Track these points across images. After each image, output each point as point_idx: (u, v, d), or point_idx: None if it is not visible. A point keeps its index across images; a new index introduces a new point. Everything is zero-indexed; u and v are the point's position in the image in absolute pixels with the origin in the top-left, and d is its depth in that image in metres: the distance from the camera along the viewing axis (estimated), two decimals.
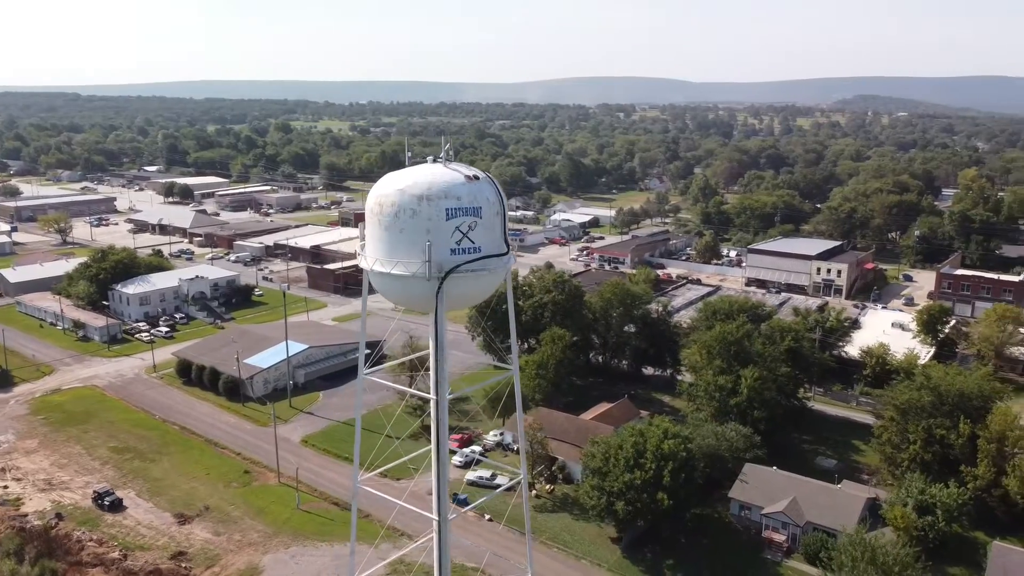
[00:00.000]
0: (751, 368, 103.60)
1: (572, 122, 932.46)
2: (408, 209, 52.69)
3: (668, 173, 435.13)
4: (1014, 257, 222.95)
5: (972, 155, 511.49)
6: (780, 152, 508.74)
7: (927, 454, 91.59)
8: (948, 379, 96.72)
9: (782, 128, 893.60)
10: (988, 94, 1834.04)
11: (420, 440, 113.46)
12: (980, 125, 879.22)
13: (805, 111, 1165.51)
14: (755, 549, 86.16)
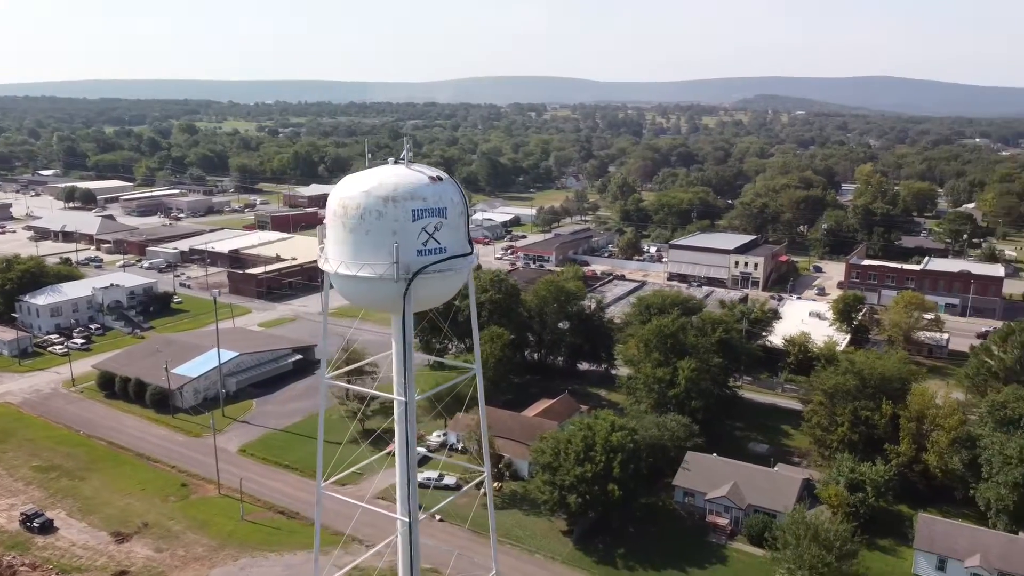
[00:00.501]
0: (687, 360, 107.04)
1: (485, 121, 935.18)
2: (374, 211, 52.30)
3: (584, 172, 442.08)
4: (911, 247, 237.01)
5: (866, 151, 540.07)
6: (690, 150, 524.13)
7: (854, 435, 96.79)
8: (870, 364, 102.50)
9: (689, 127, 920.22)
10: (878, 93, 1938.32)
11: (361, 445, 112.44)
12: (871, 123, 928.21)
13: (710, 110, 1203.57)
14: (700, 533, 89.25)
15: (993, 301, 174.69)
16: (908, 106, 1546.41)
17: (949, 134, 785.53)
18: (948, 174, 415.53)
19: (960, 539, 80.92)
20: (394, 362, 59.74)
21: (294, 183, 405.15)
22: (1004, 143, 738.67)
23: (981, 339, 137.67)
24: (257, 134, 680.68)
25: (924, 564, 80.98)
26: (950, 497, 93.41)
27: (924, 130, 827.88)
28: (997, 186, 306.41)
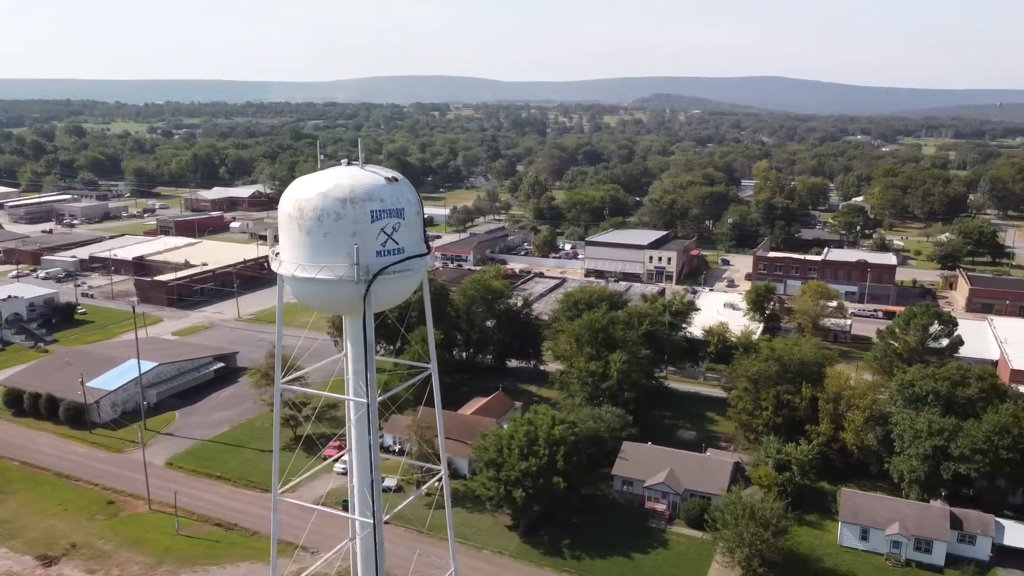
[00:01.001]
0: (618, 353, 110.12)
1: (388, 121, 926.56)
2: (332, 212, 51.91)
3: (493, 171, 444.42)
4: (810, 239, 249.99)
5: (761, 149, 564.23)
6: (595, 149, 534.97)
7: (778, 418, 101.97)
8: (789, 350, 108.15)
9: (591, 126, 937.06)
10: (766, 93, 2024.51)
11: (295, 452, 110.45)
12: (763, 121, 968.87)
13: (610, 109, 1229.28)
14: (641, 520, 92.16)
15: (888, 288, 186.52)
16: (794, 105, 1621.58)
17: (834, 131, 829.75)
18: (836, 169, 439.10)
19: (880, 510, 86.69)
20: (349, 364, 59.72)
21: (194, 186, 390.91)
22: (884, 139, 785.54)
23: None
24: (150, 136, 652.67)
25: (848, 535, 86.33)
26: (866, 472, 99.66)
27: (811, 127, 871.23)
28: (882, 180, 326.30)
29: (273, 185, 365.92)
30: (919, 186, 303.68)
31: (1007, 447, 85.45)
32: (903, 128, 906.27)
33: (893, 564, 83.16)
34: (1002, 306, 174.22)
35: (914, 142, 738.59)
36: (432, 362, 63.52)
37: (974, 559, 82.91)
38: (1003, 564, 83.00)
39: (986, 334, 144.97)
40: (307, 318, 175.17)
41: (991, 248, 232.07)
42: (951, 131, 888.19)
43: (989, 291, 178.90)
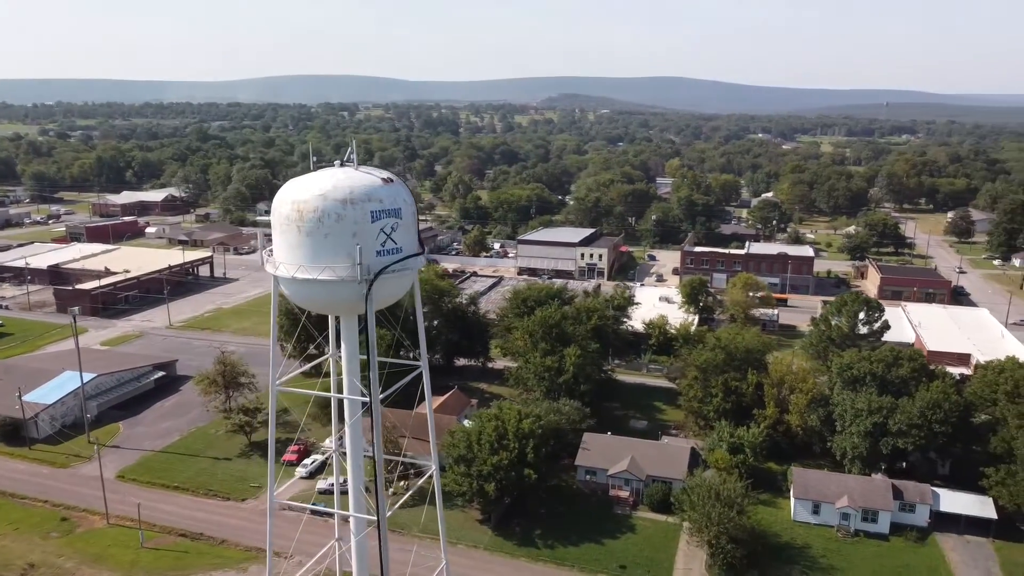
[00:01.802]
0: (573, 347, 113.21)
1: (295, 122, 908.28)
2: (333, 213, 52.41)
3: (412, 171, 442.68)
4: (728, 234, 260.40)
5: (671, 147, 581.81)
6: (511, 148, 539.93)
7: (727, 404, 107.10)
8: (733, 339, 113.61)
9: (503, 126, 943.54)
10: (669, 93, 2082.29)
11: (252, 458, 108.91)
12: (669, 120, 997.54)
13: (520, 109, 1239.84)
14: (606, 507, 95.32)
15: (807, 279, 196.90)
16: (696, 104, 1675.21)
17: (736, 130, 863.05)
18: (744, 166, 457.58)
19: (829, 485, 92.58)
20: (345, 363, 60.40)
21: (99, 190, 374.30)
22: (783, 137, 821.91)
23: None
24: (40, 138, 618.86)
25: (801, 510, 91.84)
26: (809, 451, 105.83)
27: (715, 126, 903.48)
28: (790, 176, 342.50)
29: (187, 188, 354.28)
30: (824, 182, 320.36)
31: (939, 421, 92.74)
32: (800, 127, 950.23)
33: (843, 535, 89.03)
34: (910, 293, 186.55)
35: (811, 140, 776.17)
36: (423, 359, 64.69)
37: (914, 526, 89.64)
38: (939, 529, 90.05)
39: (901, 319, 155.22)
40: (242, 324, 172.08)
41: (894, 239, 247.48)
42: (843, 129, 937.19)
43: (898, 279, 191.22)
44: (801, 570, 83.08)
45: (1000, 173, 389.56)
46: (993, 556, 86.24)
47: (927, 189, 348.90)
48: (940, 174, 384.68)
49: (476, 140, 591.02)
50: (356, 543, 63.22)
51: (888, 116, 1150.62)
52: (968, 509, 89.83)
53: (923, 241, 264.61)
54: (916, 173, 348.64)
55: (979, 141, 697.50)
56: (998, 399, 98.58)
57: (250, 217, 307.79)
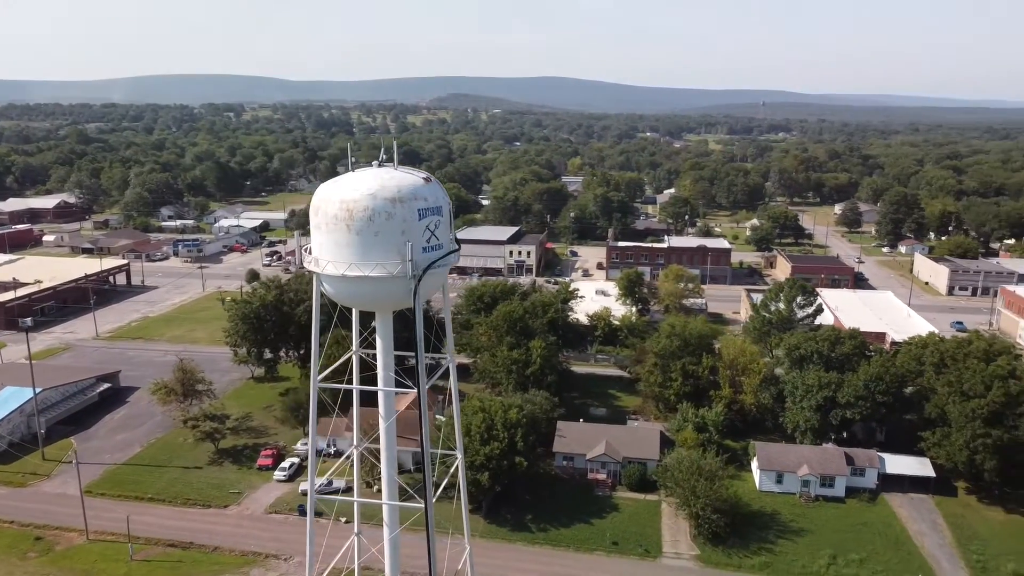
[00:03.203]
0: (538, 340, 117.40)
1: (178, 123, 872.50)
2: (383, 212, 54.33)
3: (318, 173, 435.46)
4: (642, 229, 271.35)
5: (569, 146, 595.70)
6: (413, 148, 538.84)
7: (686, 387, 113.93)
8: (685, 327, 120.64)
9: (398, 126, 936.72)
10: (556, 92, 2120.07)
11: (224, 465, 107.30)
12: (562, 120, 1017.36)
13: (412, 109, 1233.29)
14: (587, 490, 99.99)
15: (724, 270, 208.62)
16: (583, 104, 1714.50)
17: (627, 129, 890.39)
18: (642, 164, 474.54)
19: (788, 456, 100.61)
20: (381, 357, 62.14)
21: None
22: (671, 136, 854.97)
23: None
24: None
25: (766, 480, 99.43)
26: (762, 427, 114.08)
27: (606, 126, 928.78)
28: (690, 173, 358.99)
29: (80, 194, 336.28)
30: (723, 178, 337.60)
31: (882, 392, 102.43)
32: (685, 125, 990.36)
33: (805, 500, 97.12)
34: (818, 280, 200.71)
35: (698, 138, 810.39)
36: (450, 353, 67.00)
37: (865, 488, 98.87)
38: (886, 489, 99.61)
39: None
40: (175, 332, 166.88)
41: (794, 231, 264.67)
42: (725, 128, 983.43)
43: (806, 267, 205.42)
44: (775, 534, 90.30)
45: (875, 168, 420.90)
46: (935, 510, 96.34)
47: (814, 183, 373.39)
48: (822, 170, 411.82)
49: (376, 140, 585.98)
50: (388, 531, 65.12)
51: (765, 115, 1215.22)
52: (910, 470, 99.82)
53: (818, 232, 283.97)
54: (804, 169, 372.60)
55: (849, 138, 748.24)
56: (925, 370, 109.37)
57: (155, 223, 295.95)
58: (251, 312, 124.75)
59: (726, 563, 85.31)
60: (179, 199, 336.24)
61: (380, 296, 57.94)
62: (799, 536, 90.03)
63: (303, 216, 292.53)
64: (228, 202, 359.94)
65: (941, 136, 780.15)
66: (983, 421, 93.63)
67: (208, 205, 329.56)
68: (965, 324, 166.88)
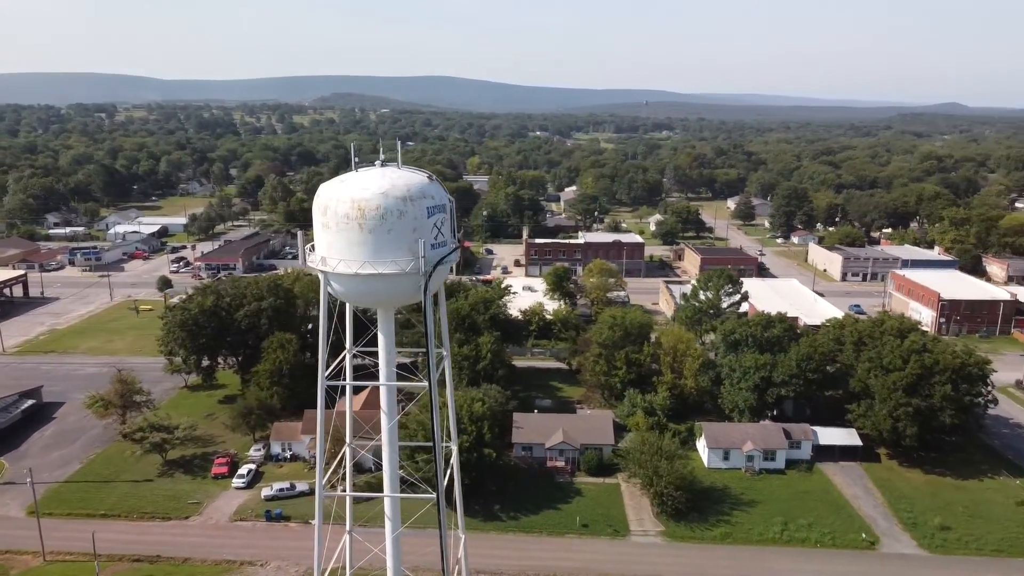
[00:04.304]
0: (486, 335, 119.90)
1: (44, 124, 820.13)
2: (395, 210, 55.69)
3: (212, 176, 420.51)
4: (552, 226, 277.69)
5: (466, 146, 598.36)
6: (307, 148, 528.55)
7: (631, 375, 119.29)
8: (623, 317, 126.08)
9: (284, 126, 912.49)
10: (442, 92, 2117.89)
11: (175, 476, 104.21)
12: (451, 120, 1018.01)
13: (297, 108, 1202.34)
14: (548, 477, 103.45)
15: (639, 263, 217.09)
16: (470, 104, 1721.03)
17: (517, 128, 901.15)
18: (540, 163, 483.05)
19: (734, 434, 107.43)
20: (384, 353, 63.20)
21: None
22: (561, 135, 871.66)
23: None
24: None
25: (714, 457, 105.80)
26: (702, 409, 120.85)
27: (496, 124, 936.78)
28: (591, 171, 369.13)
29: None
30: (624, 175, 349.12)
31: (812, 370, 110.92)
32: (574, 124, 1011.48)
33: (751, 474, 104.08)
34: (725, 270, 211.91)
35: (588, 137, 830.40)
36: (446, 346, 68.76)
37: (802, 459, 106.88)
38: (819, 460, 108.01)
39: None
40: (90, 343, 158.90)
41: (695, 225, 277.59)
42: (612, 126, 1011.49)
43: (714, 259, 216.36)
44: (729, 506, 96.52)
45: (759, 164, 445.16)
46: (864, 475, 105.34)
47: (706, 179, 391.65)
48: (711, 166, 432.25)
49: (268, 141, 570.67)
50: (391, 524, 66.45)
51: (648, 114, 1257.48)
52: (840, 440, 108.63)
53: (716, 225, 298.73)
54: (698, 166, 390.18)
55: (728, 135, 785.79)
56: (844, 349, 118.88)
57: (41, 231, 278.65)
58: (189, 318, 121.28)
59: (690, 536, 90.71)
60: (65, 205, 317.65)
61: (390, 293, 59.13)
62: (751, 507, 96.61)
63: (205, 221, 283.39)
64: (117, 207, 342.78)
65: (811, 133, 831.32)
66: (904, 391, 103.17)
67: (98, 211, 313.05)
68: (862, 307, 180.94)
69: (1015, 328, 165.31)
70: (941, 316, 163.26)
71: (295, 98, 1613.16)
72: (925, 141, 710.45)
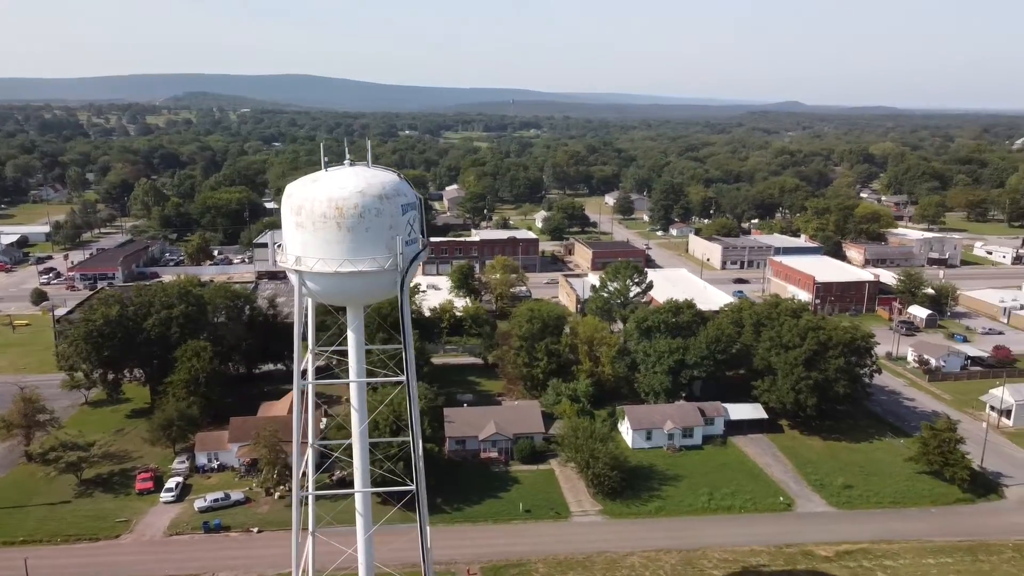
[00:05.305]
0: None
1: None
2: (373, 209, 57.15)
3: (69, 180, 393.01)
4: (442, 225, 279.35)
5: (338, 146, 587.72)
6: (169, 150, 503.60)
7: (552, 364, 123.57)
8: (543, 309, 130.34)
9: (137, 127, 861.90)
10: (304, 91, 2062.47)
11: (94, 495, 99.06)
12: (318, 119, 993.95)
13: (150, 108, 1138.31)
14: (483, 468, 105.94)
15: (534, 259, 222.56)
16: (334, 103, 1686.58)
17: (386, 128, 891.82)
18: (417, 162, 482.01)
19: (654, 415, 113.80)
20: (354, 349, 63.99)
21: None
22: (431, 134, 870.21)
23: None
24: None
25: (638, 438, 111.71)
26: (619, 394, 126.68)
27: (365, 124, 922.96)
28: (472, 170, 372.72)
29: None
30: (505, 173, 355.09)
31: (720, 351, 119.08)
32: (443, 123, 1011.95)
33: (672, 451, 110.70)
34: (616, 263, 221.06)
35: (458, 136, 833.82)
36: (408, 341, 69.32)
37: (716, 435, 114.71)
38: (731, 434, 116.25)
39: None
40: None
41: (580, 220, 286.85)
42: (481, 125, 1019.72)
43: (605, 252, 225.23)
44: (658, 482, 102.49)
45: (630, 160, 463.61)
46: (772, 445, 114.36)
47: (583, 176, 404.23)
48: (586, 163, 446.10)
49: (126, 143, 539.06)
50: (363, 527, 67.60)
51: (515, 112, 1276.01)
52: (748, 415, 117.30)
53: (599, 220, 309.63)
54: (574, 163, 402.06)
55: (595, 133, 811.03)
56: (744, 331, 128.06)
57: None
58: (94, 330, 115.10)
59: (627, 512, 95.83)
60: None
61: (367, 290, 60.35)
62: (678, 481, 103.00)
63: (70, 228, 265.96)
64: None
65: (671, 130, 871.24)
66: (803, 366, 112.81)
67: None
68: (744, 292, 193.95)
69: (879, 306, 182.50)
70: (817, 297, 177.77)
71: (144, 97, 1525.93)
72: (774, 137, 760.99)
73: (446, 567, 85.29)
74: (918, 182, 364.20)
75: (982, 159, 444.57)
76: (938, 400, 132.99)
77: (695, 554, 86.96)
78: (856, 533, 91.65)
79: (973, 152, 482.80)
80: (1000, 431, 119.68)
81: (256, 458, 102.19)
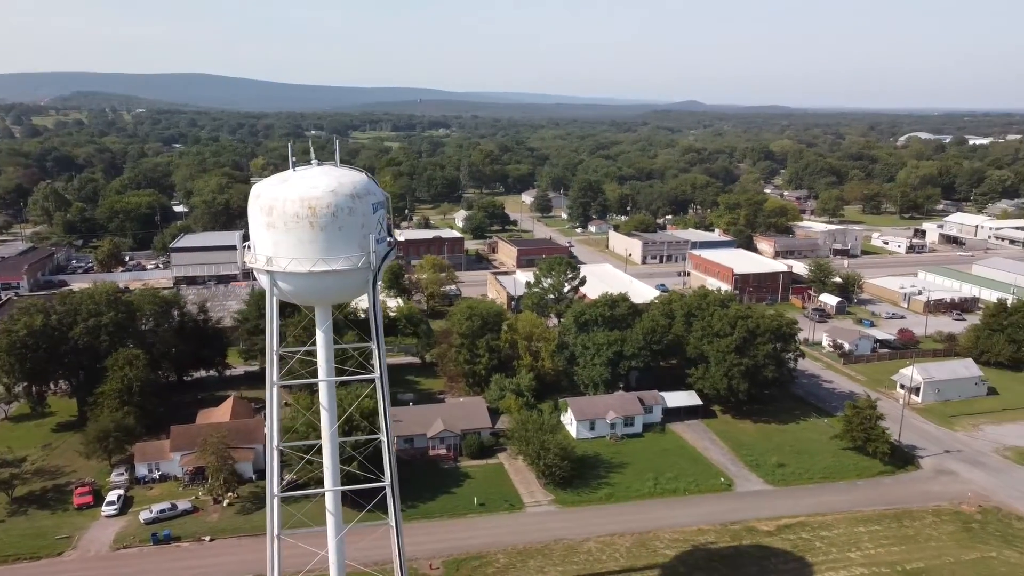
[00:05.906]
0: (348, 334, 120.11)
1: None
2: (345, 208, 57.98)
3: None
4: None
5: (245, 147, 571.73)
6: (64, 153, 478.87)
7: (493, 360, 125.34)
8: (481, 306, 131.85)
9: (23, 129, 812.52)
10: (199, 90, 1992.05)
11: (29, 513, 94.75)
12: (219, 119, 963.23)
13: (35, 109, 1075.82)
14: (433, 465, 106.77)
15: (459, 257, 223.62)
16: (233, 102, 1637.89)
17: (292, 128, 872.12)
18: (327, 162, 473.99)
19: (597, 406, 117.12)
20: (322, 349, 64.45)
21: None
22: (338, 134, 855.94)
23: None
24: None
25: (582, 429, 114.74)
26: (559, 387, 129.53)
27: (269, 124, 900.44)
28: (388, 170, 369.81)
29: None
30: (422, 173, 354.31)
31: (656, 342, 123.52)
32: (350, 123, 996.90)
33: (614, 440, 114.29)
34: (540, 260, 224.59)
35: (368, 136, 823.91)
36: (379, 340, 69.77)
37: (655, 422, 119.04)
38: (668, 421, 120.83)
39: None
40: None
41: (500, 219, 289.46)
42: (389, 125, 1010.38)
43: (529, 249, 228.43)
44: (604, 470, 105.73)
45: (543, 159, 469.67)
46: (707, 430, 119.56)
47: (499, 175, 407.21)
48: (500, 162, 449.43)
49: (14, 145, 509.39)
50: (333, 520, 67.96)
51: (423, 112, 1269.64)
52: (684, 402, 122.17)
53: (519, 218, 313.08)
54: (490, 162, 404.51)
55: (505, 132, 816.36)
56: (675, 322, 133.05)
57: None
58: (17, 341, 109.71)
59: (579, 501, 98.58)
60: None
61: (339, 289, 61.02)
62: (623, 468, 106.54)
63: None
64: None
65: (579, 129, 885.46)
66: (735, 352, 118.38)
67: None
68: (667, 285, 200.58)
69: (792, 295, 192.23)
70: (736, 288, 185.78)
71: (27, 97, 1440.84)
72: (679, 136, 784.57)
73: (407, 564, 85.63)
74: (817, 177, 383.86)
75: (872, 155, 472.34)
76: (854, 381, 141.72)
77: (647, 536, 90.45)
78: (793, 508, 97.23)
79: (863, 148, 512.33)
80: (911, 407, 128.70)
81: (201, 466, 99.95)
